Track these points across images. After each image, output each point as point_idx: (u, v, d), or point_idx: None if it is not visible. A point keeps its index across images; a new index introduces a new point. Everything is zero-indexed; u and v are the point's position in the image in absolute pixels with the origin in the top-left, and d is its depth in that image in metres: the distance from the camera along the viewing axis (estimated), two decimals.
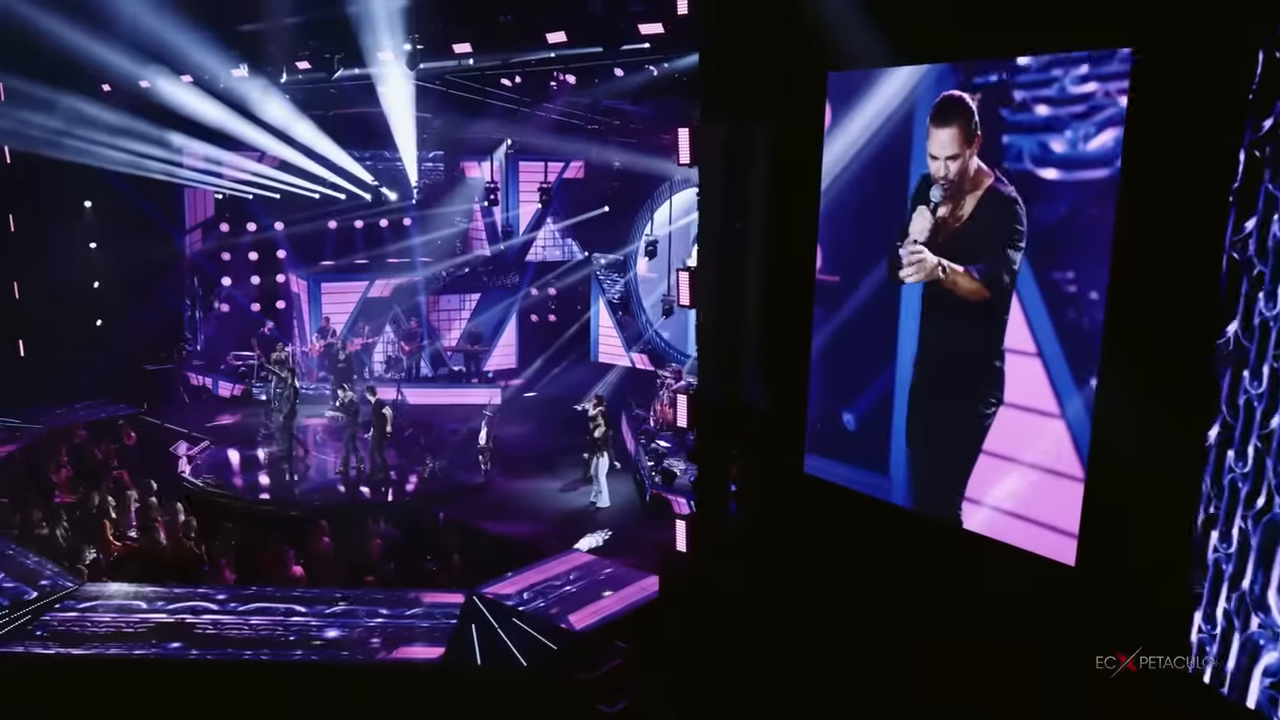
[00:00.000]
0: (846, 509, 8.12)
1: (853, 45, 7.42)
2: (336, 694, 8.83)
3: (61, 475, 14.79)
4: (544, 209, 21.58)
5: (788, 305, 8.33)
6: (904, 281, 7.42)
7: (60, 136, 17.31)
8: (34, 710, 8.67)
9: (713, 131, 8.59)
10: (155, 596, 10.22)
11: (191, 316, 21.59)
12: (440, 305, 22.05)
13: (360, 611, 9.87)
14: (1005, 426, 6.81)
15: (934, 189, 7.10)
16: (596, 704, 8.96)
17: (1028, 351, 6.56)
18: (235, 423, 18.52)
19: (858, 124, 7.67)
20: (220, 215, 21.76)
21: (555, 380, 20.97)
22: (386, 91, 16.00)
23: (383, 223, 22.43)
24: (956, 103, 6.86)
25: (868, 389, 7.84)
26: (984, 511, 7.03)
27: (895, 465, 7.69)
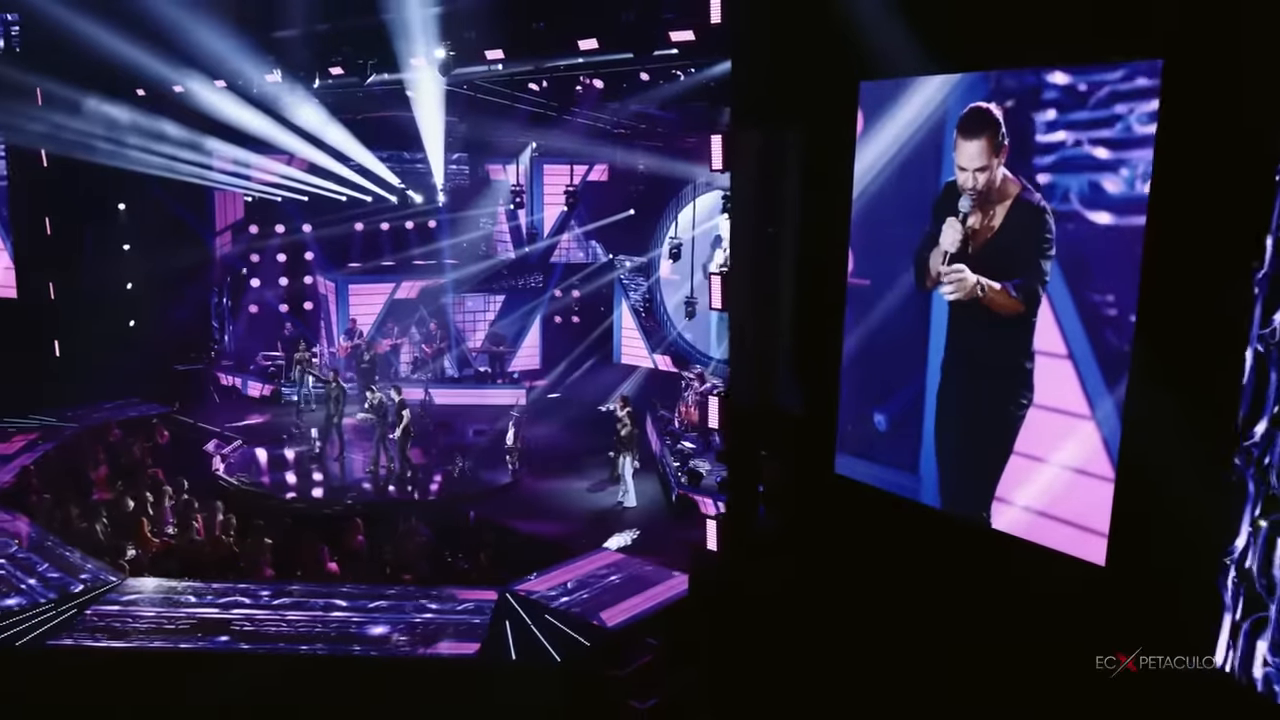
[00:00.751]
0: (876, 509, 8.25)
1: (885, 54, 7.55)
2: (374, 689, 9.04)
3: (99, 473, 15.07)
4: (569, 212, 21.76)
5: (819, 308, 8.46)
6: (932, 290, 7.57)
7: (95, 140, 17.64)
8: (81, 700, 8.88)
9: (745, 138, 8.74)
10: (196, 592, 10.47)
11: (221, 318, 21.88)
12: (465, 307, 22.27)
13: (396, 608, 10.09)
14: (1035, 427, 6.93)
15: (962, 199, 7.23)
16: (628, 700, 9.13)
17: (1058, 353, 6.68)
18: (265, 422, 18.78)
19: (890, 130, 7.80)
20: (250, 217, 22.05)
21: (578, 381, 21.15)
22: (417, 96, 16.20)
23: (408, 225, 22.69)
24: (984, 114, 6.99)
25: (899, 390, 7.97)
26: (1014, 511, 7.15)
27: (925, 465, 7.82)
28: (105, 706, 8.78)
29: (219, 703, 8.77)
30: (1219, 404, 5.68)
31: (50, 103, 17.60)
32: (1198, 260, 5.81)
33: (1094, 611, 6.67)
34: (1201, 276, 5.81)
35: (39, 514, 12.85)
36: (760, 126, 8.63)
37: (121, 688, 8.97)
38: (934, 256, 7.52)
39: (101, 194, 19.16)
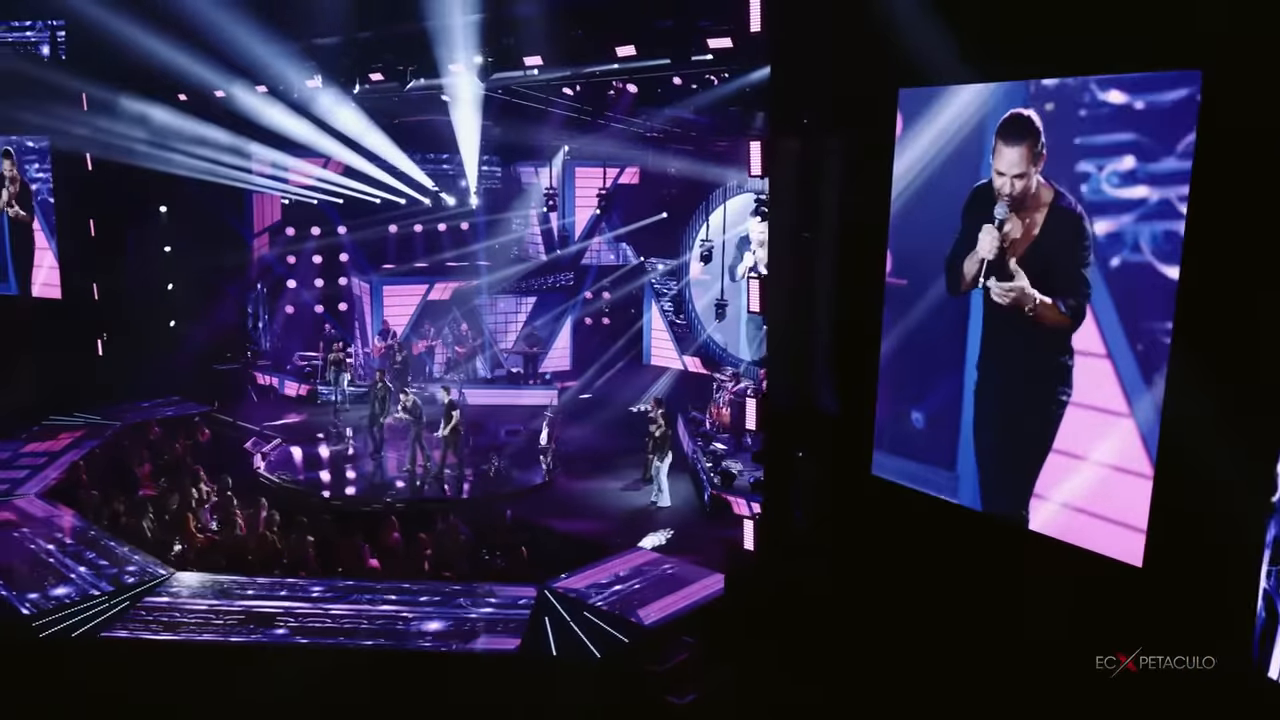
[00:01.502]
0: (913, 510, 8.37)
1: (924, 61, 7.66)
2: (418, 682, 9.25)
3: (144, 470, 15.40)
4: (602, 215, 21.96)
5: (857, 309, 8.59)
6: (967, 293, 7.70)
7: (138, 144, 17.99)
8: (135, 691, 9.15)
9: (784, 144, 8.89)
10: (244, 586, 10.75)
11: (258, 318, 22.24)
12: (497, 308, 22.49)
13: (438, 604, 10.32)
14: (1074, 424, 7.03)
15: (997, 206, 7.35)
16: (666, 695, 9.31)
17: (1097, 353, 6.79)
18: (302, 421, 19.08)
19: (929, 133, 7.92)
20: (286, 219, 22.41)
21: (609, 383, 21.30)
22: (454, 101, 16.43)
23: (441, 227, 22.98)
24: (1025, 121, 7.10)
25: (937, 387, 8.10)
26: (1051, 507, 7.25)
27: (963, 461, 7.93)
28: (159, 697, 9.02)
29: (268, 695, 9.01)
30: (1259, 402, 5.78)
31: (95, 107, 17.97)
32: (1236, 259, 5.92)
33: (1131, 611, 6.77)
34: (1239, 275, 5.91)
35: (88, 509, 13.18)
36: (799, 133, 8.77)
37: (175, 679, 9.25)
38: (969, 261, 7.63)
39: (143, 197, 19.48)
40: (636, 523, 13.77)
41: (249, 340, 21.90)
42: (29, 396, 17.71)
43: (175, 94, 17.91)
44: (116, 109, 17.78)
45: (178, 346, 19.88)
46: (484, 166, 22.00)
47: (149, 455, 16.10)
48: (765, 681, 9.16)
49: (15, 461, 15.09)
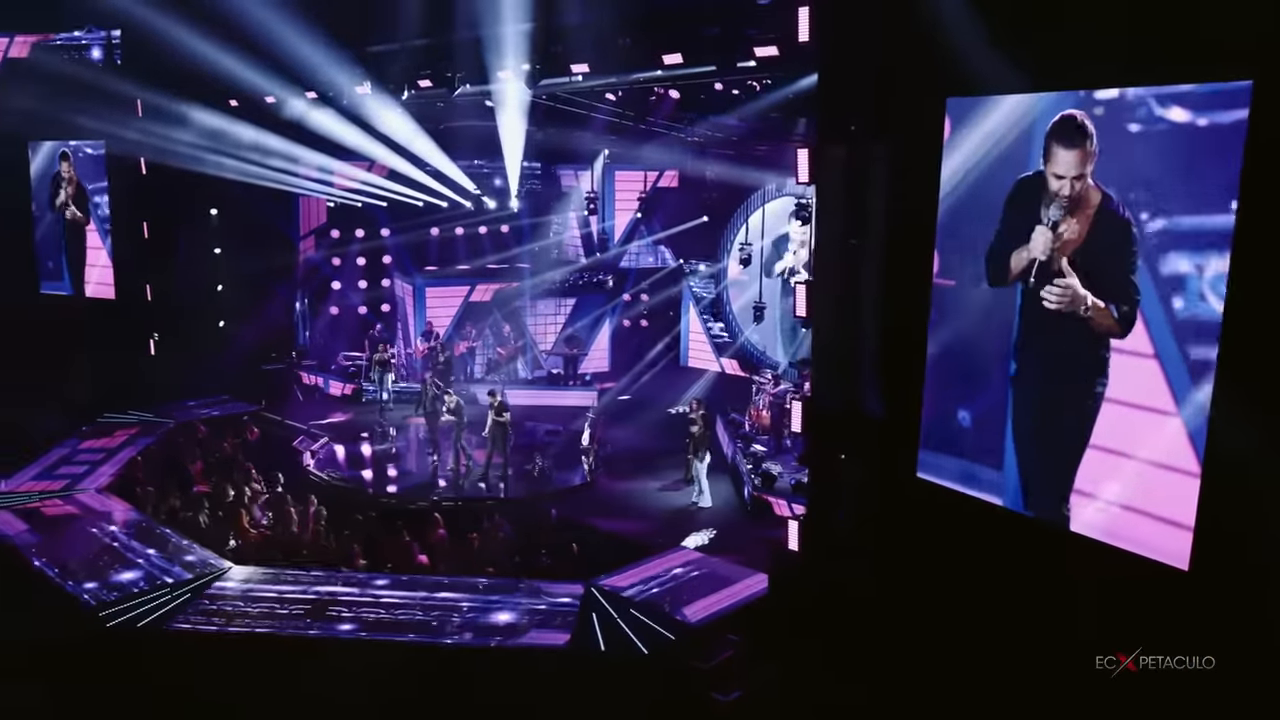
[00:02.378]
0: (957, 512, 8.49)
1: (972, 71, 7.80)
2: (471, 675, 9.50)
3: (196, 467, 15.79)
4: (642, 218, 22.18)
5: (903, 312, 8.74)
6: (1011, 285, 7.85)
7: (190, 148, 18.42)
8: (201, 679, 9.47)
9: (831, 151, 9.04)
10: (300, 580, 11.05)
11: (303, 319, 22.66)
12: (536, 310, 22.76)
13: (488, 599, 10.57)
14: (1120, 423, 7.15)
15: (1052, 208, 7.47)
16: (711, 692, 9.49)
17: (1145, 353, 6.90)
18: (348, 420, 19.45)
19: (976, 138, 8.06)
20: (331, 222, 22.83)
21: (647, 384, 21.50)
22: (500, 106, 16.71)
23: (482, 229, 23.30)
24: (1079, 123, 7.23)
25: (984, 386, 8.24)
26: (1096, 504, 7.36)
27: (1009, 459, 8.06)
28: (223, 686, 9.34)
29: (325, 685, 9.30)
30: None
31: (149, 112, 18.43)
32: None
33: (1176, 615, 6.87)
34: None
35: (146, 504, 13.58)
36: (846, 140, 8.93)
37: (236, 669, 9.56)
38: (1016, 256, 7.77)
39: (195, 200, 19.91)
40: (678, 523, 13.94)
41: (294, 341, 22.30)
42: (84, 394, 18.23)
43: (227, 99, 18.31)
44: (170, 114, 18.22)
45: (226, 347, 20.33)
46: (525, 170, 22.25)
47: (200, 453, 16.51)
48: (809, 681, 9.32)
49: (74, 457, 15.54)
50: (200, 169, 18.65)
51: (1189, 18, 6.41)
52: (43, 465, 15.11)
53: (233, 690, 9.27)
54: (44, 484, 14.20)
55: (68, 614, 10.30)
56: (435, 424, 16.67)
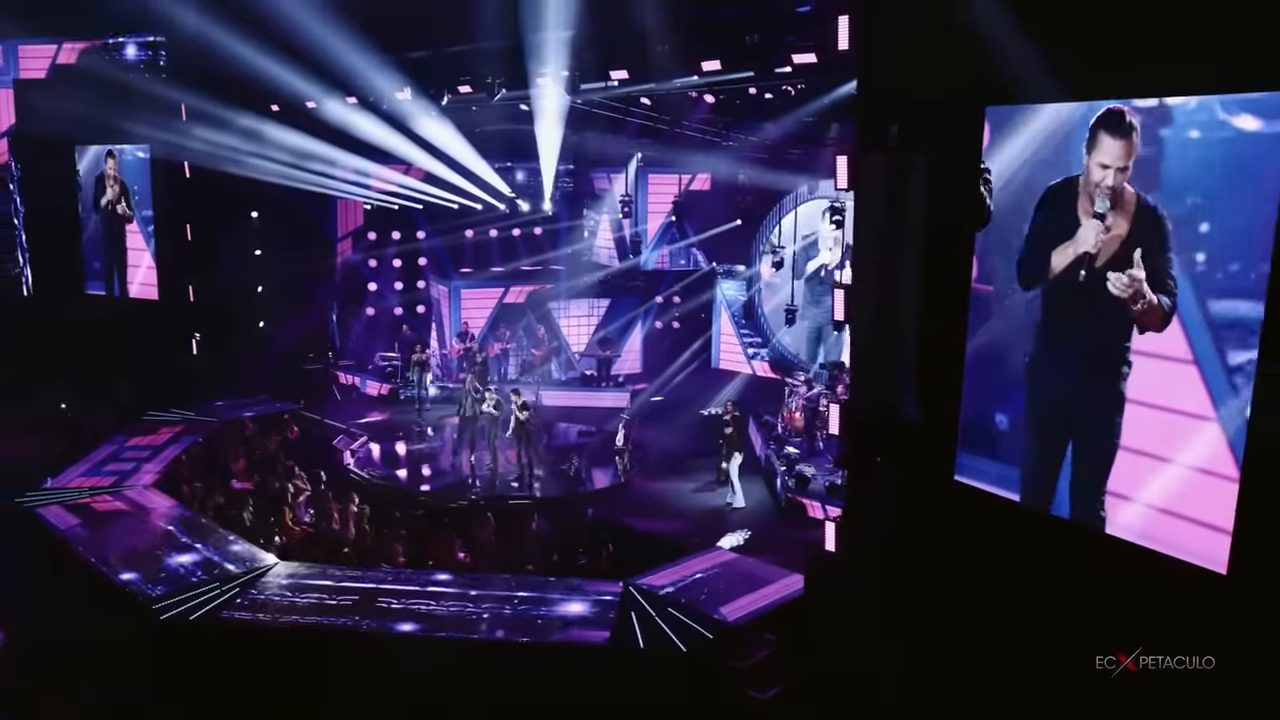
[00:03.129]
0: (995, 515, 8.60)
1: (1012, 79, 7.91)
2: (514, 670, 9.70)
3: (239, 465, 16.13)
4: (675, 222, 22.37)
5: (941, 317, 8.86)
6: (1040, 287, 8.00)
7: (232, 152, 18.79)
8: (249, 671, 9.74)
9: (870, 158, 9.18)
10: (343, 576, 11.29)
11: (340, 320, 23.03)
12: (570, 312, 23.00)
13: (529, 596, 10.76)
14: (1157, 427, 7.24)
15: (1098, 201, 7.56)
16: (749, 690, 9.66)
17: (1184, 358, 6.99)
18: (385, 419, 19.76)
19: (1016, 145, 8.17)
20: (368, 224, 23.19)
21: (679, 386, 21.67)
22: (538, 111, 16.95)
23: (515, 232, 23.59)
24: (1126, 116, 7.33)
25: (1020, 389, 8.35)
26: (1134, 508, 7.46)
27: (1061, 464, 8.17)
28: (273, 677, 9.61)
29: (372, 678, 9.54)
30: None
31: (193, 117, 18.82)
32: None
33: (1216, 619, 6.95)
34: None
35: (193, 500, 13.90)
36: (885, 147, 9.06)
37: (288, 662, 9.82)
38: (1058, 254, 7.87)
39: (236, 202, 20.28)
40: (713, 523, 14.09)
41: (332, 341, 22.66)
42: (129, 393, 18.64)
43: (268, 104, 18.66)
44: (213, 118, 18.59)
45: (266, 346, 20.70)
46: (559, 173, 22.51)
47: (243, 451, 16.84)
48: (846, 681, 9.46)
49: (121, 454, 15.90)
50: (242, 172, 19.02)
51: (1232, 26, 6.50)
52: (91, 462, 15.46)
53: (283, 682, 9.52)
54: (93, 480, 14.55)
55: (123, 606, 10.60)
56: (474, 424, 16.88)
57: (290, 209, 21.13)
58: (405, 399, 20.83)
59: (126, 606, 10.58)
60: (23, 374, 19.43)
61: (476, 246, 23.35)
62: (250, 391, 19.58)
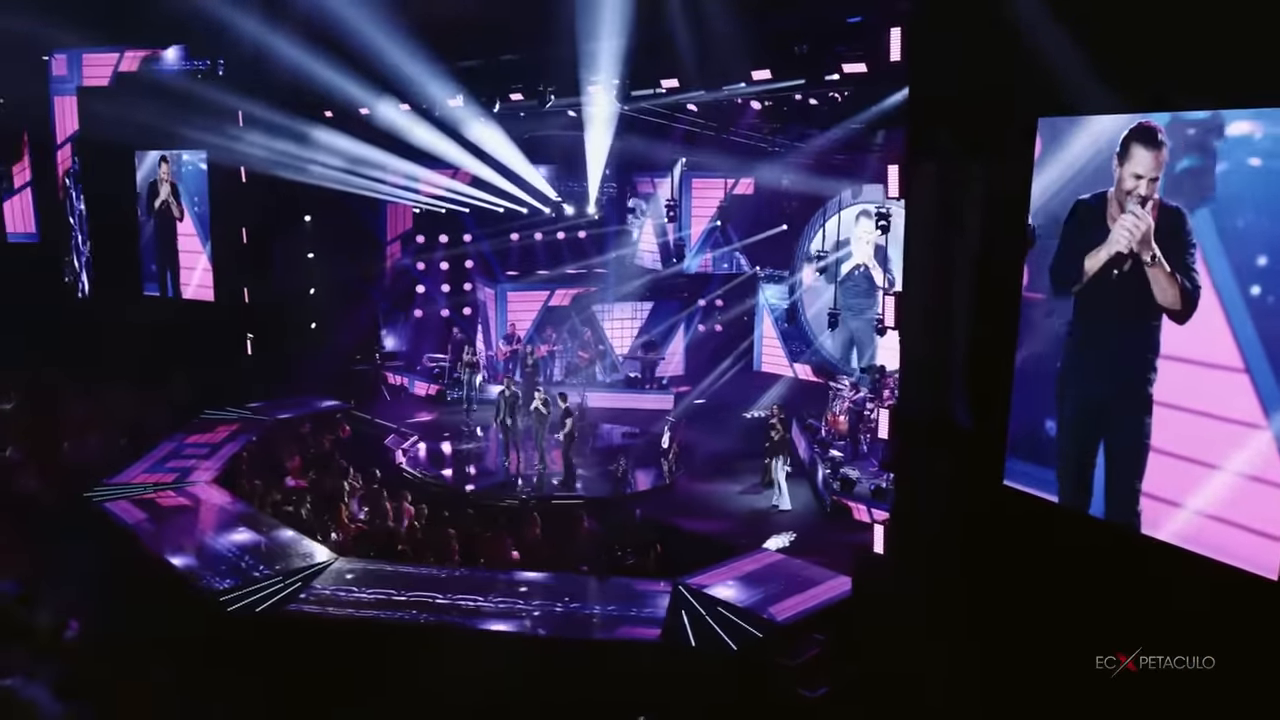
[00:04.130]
0: (1043, 519, 8.72)
1: (1063, 91, 8.03)
2: (568, 665, 9.95)
3: (294, 463, 16.54)
4: (719, 226, 22.56)
5: (991, 324, 8.99)
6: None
7: (287, 157, 19.24)
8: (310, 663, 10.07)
9: (922, 168, 9.33)
10: (400, 572, 11.62)
11: (389, 321, 23.46)
12: (613, 315, 23.25)
13: (582, 595, 11.03)
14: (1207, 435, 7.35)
15: (1132, 205, 7.76)
16: (798, 689, 9.85)
17: (1235, 367, 7.10)
18: (434, 420, 20.13)
19: (1067, 157, 8.31)
20: (417, 228, 23.61)
21: (721, 388, 21.85)
22: (588, 118, 17.22)
23: (560, 235, 23.90)
24: (1156, 131, 7.56)
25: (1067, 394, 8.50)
26: (1183, 515, 7.56)
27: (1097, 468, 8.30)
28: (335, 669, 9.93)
29: (431, 670, 9.83)
30: None
31: (249, 123, 19.29)
32: None
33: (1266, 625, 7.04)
34: None
35: (252, 497, 14.30)
36: (937, 157, 9.20)
37: (350, 654, 10.15)
38: (1090, 258, 8.08)
39: (290, 206, 20.72)
40: (759, 525, 14.27)
41: (380, 342, 23.09)
42: (186, 392, 19.15)
43: (322, 110, 19.09)
44: (269, 124, 19.04)
45: (318, 347, 21.15)
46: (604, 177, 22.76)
47: (297, 449, 17.25)
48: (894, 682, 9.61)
49: (181, 452, 16.36)
50: (295, 177, 19.46)
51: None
52: (153, 459, 15.92)
53: (345, 673, 9.85)
54: (156, 476, 14.99)
55: (191, 598, 11.00)
56: (514, 426, 17.13)
57: (342, 213, 21.56)
58: (452, 400, 21.18)
59: (194, 598, 10.98)
60: (85, 374, 20.03)
61: (522, 250, 23.70)
62: (302, 391, 20.03)
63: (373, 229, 23.09)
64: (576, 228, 23.59)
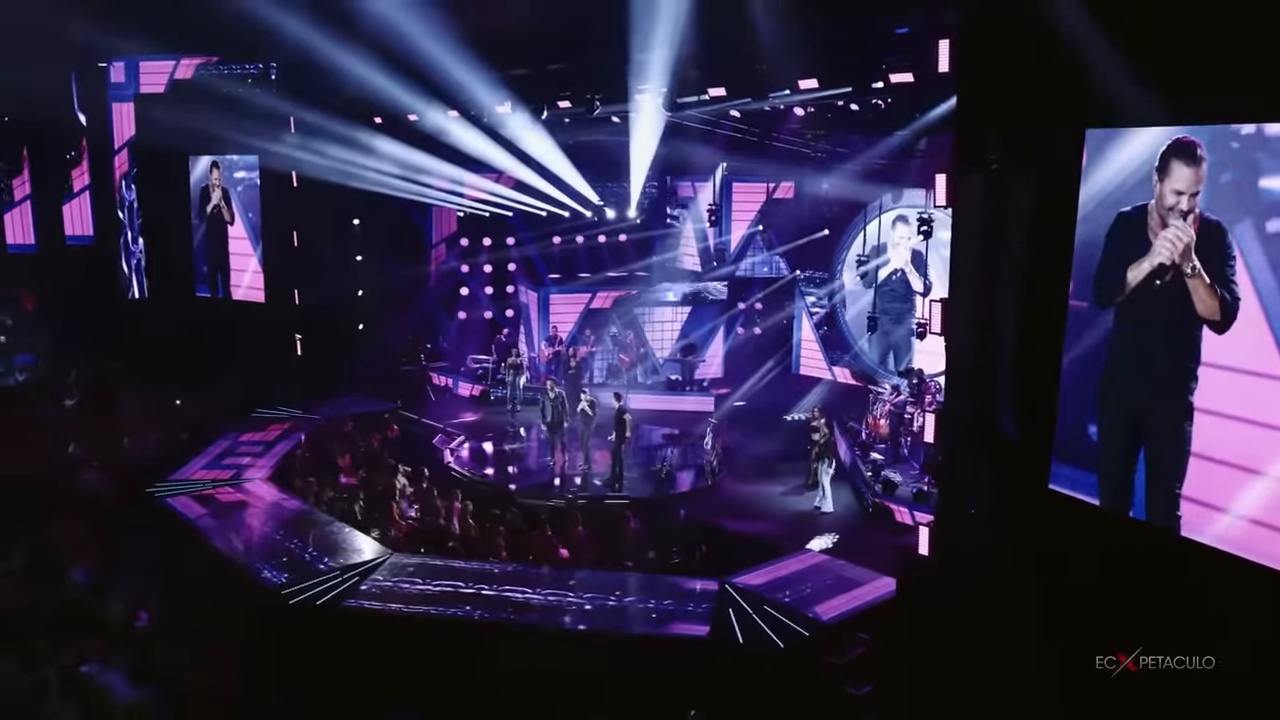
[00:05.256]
0: (1089, 524, 8.88)
1: (1110, 103, 8.19)
2: (621, 659, 10.22)
3: (344, 461, 16.94)
4: (760, 230, 22.76)
5: (1037, 331, 9.17)
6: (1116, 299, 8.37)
7: (337, 162, 19.67)
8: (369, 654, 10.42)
9: (971, 178, 9.51)
10: (453, 568, 11.96)
11: (434, 323, 23.88)
12: (654, 317, 23.50)
13: (631, 591, 11.31)
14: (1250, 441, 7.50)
15: (1173, 220, 7.94)
16: (844, 686, 10.07)
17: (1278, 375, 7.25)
18: (479, 420, 20.50)
19: (1113, 168, 8.48)
20: (461, 231, 24.02)
21: (761, 391, 22.03)
22: (634, 125, 17.50)
23: (601, 239, 24.19)
24: (1195, 146, 7.72)
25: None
26: (1226, 519, 7.70)
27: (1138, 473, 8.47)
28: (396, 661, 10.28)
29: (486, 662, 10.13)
30: None
31: (301, 129, 19.75)
32: None
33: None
34: None
35: (307, 494, 14.71)
36: (985, 166, 9.39)
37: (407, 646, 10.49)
38: (1133, 269, 8.27)
39: (339, 210, 21.16)
40: (801, 526, 14.48)
41: (426, 343, 23.50)
42: (238, 391, 19.64)
43: (372, 117, 19.50)
44: (320, 130, 19.49)
45: (365, 348, 21.60)
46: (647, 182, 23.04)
47: (347, 447, 17.66)
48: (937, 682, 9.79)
49: (235, 450, 16.84)
50: (345, 181, 19.87)
51: None
52: (209, 456, 16.42)
53: (403, 664, 10.19)
54: (213, 473, 15.47)
55: (253, 591, 11.40)
56: (559, 429, 17.42)
57: (389, 216, 21.99)
58: (495, 400, 21.54)
59: (256, 591, 11.38)
60: (141, 372, 20.60)
61: (564, 253, 23.99)
62: (350, 391, 20.51)
63: (418, 233, 23.50)
64: (618, 231, 23.84)
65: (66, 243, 24.50)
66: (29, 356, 22.50)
